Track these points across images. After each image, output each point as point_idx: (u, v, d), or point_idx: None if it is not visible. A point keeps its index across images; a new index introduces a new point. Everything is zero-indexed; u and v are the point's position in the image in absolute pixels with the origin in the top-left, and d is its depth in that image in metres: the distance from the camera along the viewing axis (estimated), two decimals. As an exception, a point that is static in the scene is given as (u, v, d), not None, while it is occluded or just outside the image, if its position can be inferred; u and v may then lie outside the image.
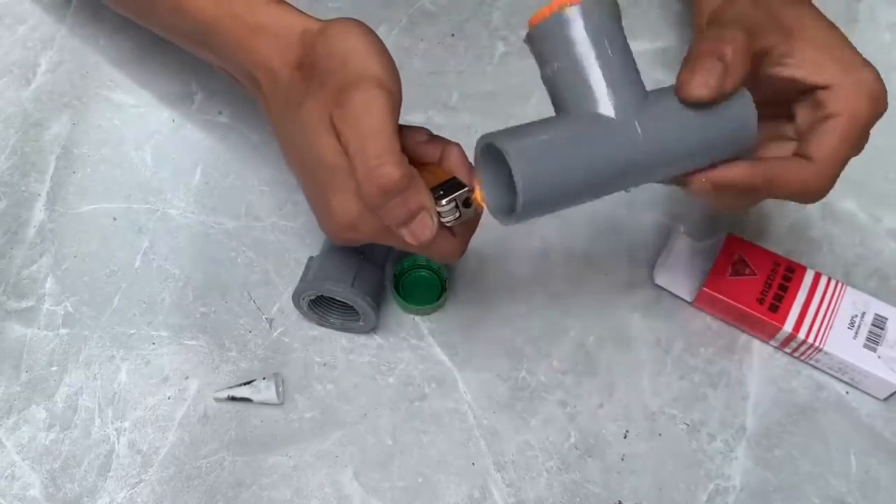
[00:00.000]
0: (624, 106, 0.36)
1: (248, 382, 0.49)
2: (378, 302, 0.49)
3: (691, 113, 0.37)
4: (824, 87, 0.40)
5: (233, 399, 0.49)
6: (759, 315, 0.50)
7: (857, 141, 0.40)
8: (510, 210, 0.36)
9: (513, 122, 0.37)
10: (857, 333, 0.49)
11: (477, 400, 0.50)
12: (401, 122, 0.39)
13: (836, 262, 0.54)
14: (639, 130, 0.36)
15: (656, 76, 0.61)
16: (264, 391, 0.49)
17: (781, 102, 0.43)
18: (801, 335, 0.49)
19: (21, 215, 0.56)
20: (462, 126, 0.59)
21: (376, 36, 0.41)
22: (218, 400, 0.49)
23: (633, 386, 0.50)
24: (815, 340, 0.49)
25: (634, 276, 0.54)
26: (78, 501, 0.47)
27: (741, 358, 0.51)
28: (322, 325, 0.51)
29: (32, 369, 0.51)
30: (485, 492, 0.47)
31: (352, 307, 0.49)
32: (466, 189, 0.39)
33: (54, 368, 0.51)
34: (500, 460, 0.48)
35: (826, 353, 0.49)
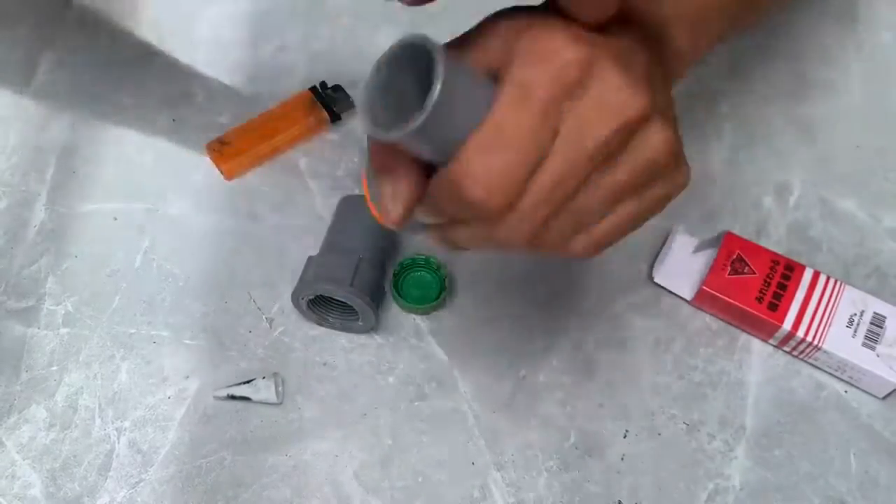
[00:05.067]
0: None
1: (248, 381, 0.49)
2: (377, 302, 0.49)
3: None
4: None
5: (232, 398, 0.49)
6: (758, 314, 0.50)
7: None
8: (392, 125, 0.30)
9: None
10: (855, 332, 0.49)
11: (477, 400, 0.50)
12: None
13: (835, 262, 0.54)
14: None
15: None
16: (263, 390, 0.49)
17: None
18: (800, 333, 0.49)
19: (21, 215, 0.56)
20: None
21: None
22: (217, 398, 0.49)
23: (632, 386, 0.50)
24: (813, 339, 0.49)
25: (633, 275, 0.54)
26: (78, 501, 0.47)
27: (741, 358, 0.51)
28: (321, 325, 0.52)
29: (32, 369, 0.51)
30: (485, 492, 0.47)
31: (351, 307, 0.49)
32: None
33: (54, 368, 0.51)
34: (500, 460, 0.48)
35: (825, 351, 0.49)
